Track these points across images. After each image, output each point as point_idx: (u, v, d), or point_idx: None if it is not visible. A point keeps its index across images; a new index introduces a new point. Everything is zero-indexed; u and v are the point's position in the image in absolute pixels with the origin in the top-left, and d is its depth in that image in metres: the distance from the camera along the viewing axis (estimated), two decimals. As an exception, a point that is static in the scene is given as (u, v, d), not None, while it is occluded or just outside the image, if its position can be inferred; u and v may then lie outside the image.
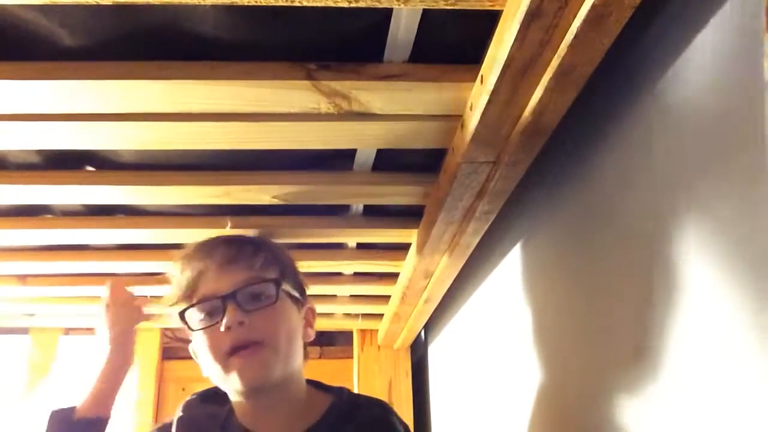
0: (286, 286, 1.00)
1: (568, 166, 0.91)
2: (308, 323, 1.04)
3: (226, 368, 0.91)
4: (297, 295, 1.03)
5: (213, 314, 0.94)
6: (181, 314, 0.97)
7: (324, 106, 0.86)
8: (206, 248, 1.01)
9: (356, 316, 1.98)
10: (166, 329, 2.36)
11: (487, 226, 1.12)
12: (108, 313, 1.20)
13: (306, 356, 1.02)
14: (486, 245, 1.23)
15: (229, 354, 0.91)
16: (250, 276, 0.96)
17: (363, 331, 2.11)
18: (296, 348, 0.98)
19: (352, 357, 2.14)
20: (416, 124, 0.92)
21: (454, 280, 1.42)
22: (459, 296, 1.55)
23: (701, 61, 0.60)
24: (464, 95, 0.85)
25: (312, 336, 1.04)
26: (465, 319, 1.52)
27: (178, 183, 1.10)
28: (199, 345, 0.96)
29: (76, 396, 1.12)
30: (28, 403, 2.17)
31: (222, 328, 0.91)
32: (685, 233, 0.62)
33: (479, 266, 1.35)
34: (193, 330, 0.96)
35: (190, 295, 0.97)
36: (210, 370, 0.96)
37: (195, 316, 0.96)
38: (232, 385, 0.94)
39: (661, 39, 0.67)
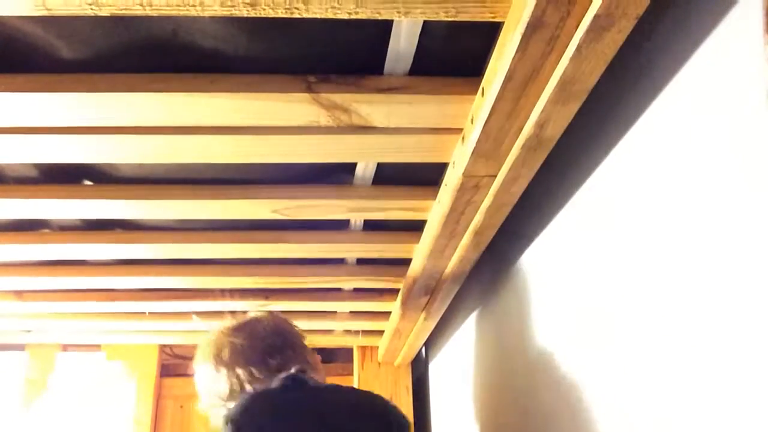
0: None
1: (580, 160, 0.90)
2: None
3: None
4: None
5: None
6: None
7: (324, 119, 0.85)
8: None
9: (356, 332, 1.97)
10: (164, 346, 2.34)
11: (488, 241, 1.11)
12: None
13: None
14: (487, 262, 1.22)
15: None
16: None
17: (363, 348, 2.09)
18: None
19: (352, 374, 2.12)
20: (417, 137, 0.92)
21: (455, 297, 1.41)
22: (460, 313, 1.53)
23: (704, 66, 0.59)
24: (465, 108, 0.84)
25: None
26: (465, 336, 1.50)
27: (177, 197, 1.09)
28: None
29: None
30: (25, 419, 2.15)
31: None
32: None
33: (480, 282, 1.34)
34: None
35: None
36: None
37: None
38: None
39: (663, 48, 0.66)
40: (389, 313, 1.68)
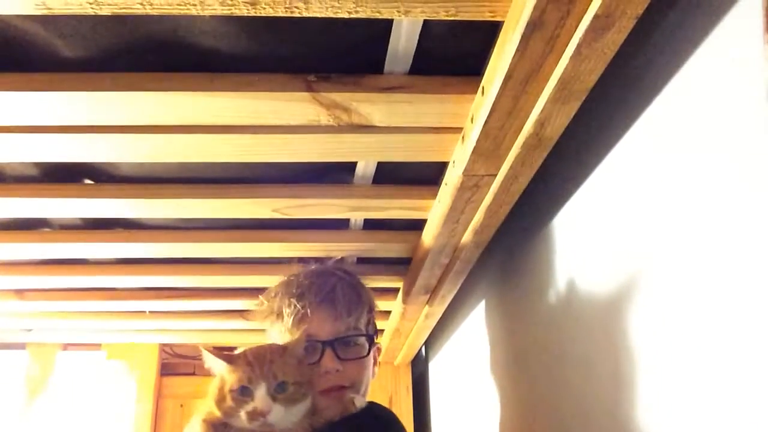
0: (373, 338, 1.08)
1: (577, 166, 0.90)
2: (375, 361, 1.10)
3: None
4: (374, 340, 1.09)
5: (310, 352, 0.99)
6: None
7: (324, 118, 0.86)
8: (318, 288, 1.06)
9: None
10: (165, 345, 2.34)
11: (488, 240, 1.11)
12: None
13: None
14: (486, 261, 1.22)
15: (319, 392, 0.96)
16: (350, 327, 1.03)
17: (363, 347, 2.09)
18: (368, 386, 1.05)
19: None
20: (417, 136, 0.92)
21: (455, 296, 1.41)
22: (460, 312, 1.53)
23: (704, 67, 0.59)
24: (465, 107, 0.84)
25: (376, 373, 1.10)
26: (466, 335, 1.50)
27: (177, 196, 1.09)
28: None
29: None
30: (26, 418, 2.16)
31: (322, 371, 0.98)
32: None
33: (480, 281, 1.34)
34: None
35: (294, 328, 1.03)
36: None
37: None
38: None
39: (663, 47, 0.66)
40: (389, 312, 1.68)
